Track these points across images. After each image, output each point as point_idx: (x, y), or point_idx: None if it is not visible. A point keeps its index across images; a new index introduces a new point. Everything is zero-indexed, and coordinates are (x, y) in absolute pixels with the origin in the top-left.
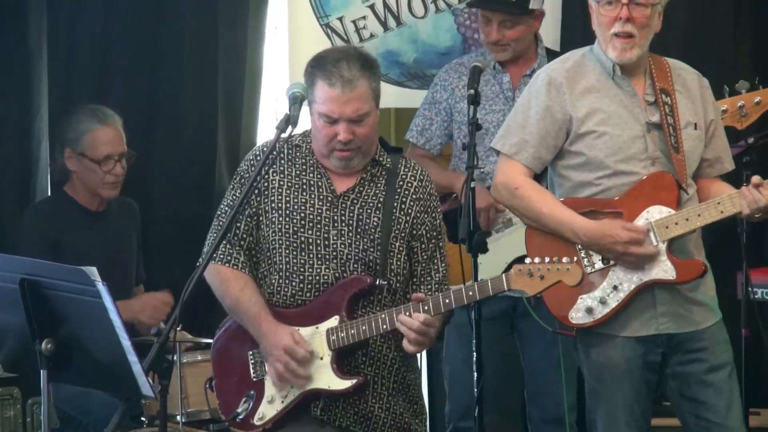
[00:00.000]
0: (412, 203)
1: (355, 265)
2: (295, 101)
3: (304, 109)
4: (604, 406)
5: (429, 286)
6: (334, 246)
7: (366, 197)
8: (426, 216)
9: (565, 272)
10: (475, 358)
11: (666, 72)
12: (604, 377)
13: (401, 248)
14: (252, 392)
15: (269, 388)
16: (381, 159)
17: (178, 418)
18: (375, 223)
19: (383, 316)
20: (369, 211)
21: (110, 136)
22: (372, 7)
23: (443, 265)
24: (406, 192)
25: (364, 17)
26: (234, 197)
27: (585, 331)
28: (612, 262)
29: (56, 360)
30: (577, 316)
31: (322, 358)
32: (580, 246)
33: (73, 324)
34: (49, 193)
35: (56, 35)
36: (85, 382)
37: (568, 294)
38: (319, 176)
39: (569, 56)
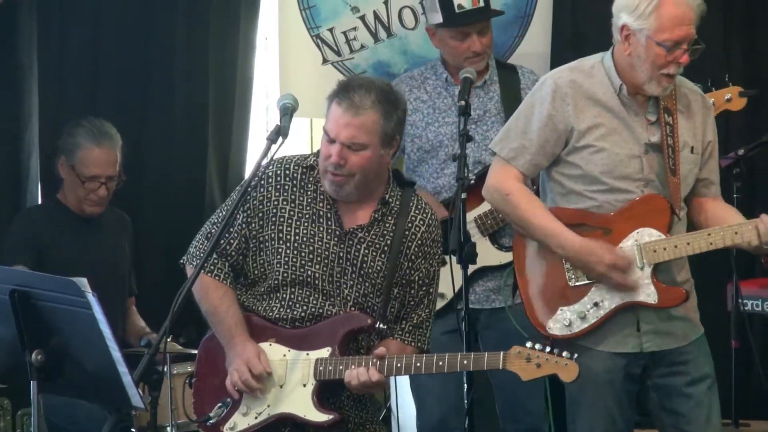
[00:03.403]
0: (416, 249)
1: (353, 308)
2: (286, 112)
3: (295, 121)
4: (584, 417)
5: (403, 326)
6: (338, 284)
7: (374, 237)
8: (423, 262)
9: (563, 367)
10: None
11: (671, 90)
12: (586, 388)
13: (398, 295)
14: (228, 400)
15: (246, 401)
16: (391, 200)
17: (168, 429)
18: (379, 267)
19: (375, 360)
20: (374, 253)
21: (101, 158)
22: (362, 18)
23: (427, 311)
24: (413, 237)
25: (354, 28)
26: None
27: (565, 342)
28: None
29: (46, 371)
30: (555, 326)
31: (305, 386)
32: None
33: (64, 335)
34: None
35: (46, 47)
36: (76, 393)
37: (548, 303)
38: (328, 207)
39: (577, 65)
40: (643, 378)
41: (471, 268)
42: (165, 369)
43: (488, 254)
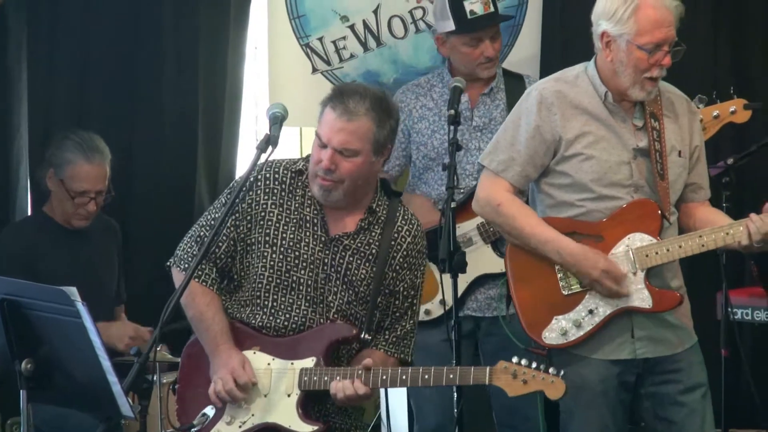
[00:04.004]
0: (401, 260)
1: (336, 315)
2: (276, 121)
3: (285, 130)
4: (578, 426)
5: (387, 338)
6: (322, 290)
7: (359, 245)
8: (408, 273)
9: (549, 384)
10: None
11: (656, 94)
12: (579, 397)
13: (380, 304)
14: (212, 408)
15: (230, 409)
16: (378, 209)
17: None
18: (363, 276)
19: (360, 371)
20: (359, 261)
21: (91, 174)
22: (352, 27)
23: (411, 322)
24: (398, 247)
25: (344, 38)
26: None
27: (559, 351)
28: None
29: (36, 380)
30: (551, 336)
31: (289, 396)
32: (558, 267)
33: (53, 344)
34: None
35: (36, 56)
36: (65, 402)
37: (543, 313)
38: (315, 213)
39: (561, 75)
40: (636, 386)
41: (472, 275)
42: (154, 378)
43: (490, 261)
